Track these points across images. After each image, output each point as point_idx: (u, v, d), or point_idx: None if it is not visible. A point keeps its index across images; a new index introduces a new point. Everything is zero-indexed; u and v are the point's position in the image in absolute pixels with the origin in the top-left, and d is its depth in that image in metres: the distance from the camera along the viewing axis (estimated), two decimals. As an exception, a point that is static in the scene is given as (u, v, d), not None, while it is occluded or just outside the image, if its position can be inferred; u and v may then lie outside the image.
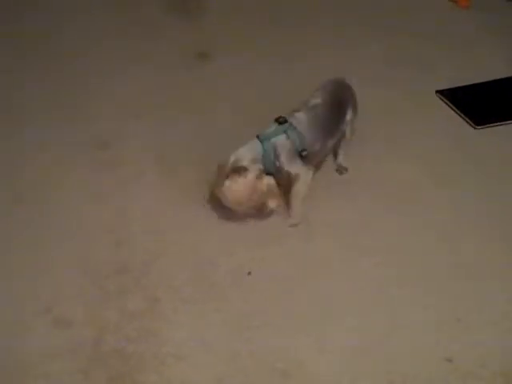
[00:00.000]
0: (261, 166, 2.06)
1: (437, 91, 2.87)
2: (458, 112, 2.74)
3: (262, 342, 1.82)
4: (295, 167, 2.11)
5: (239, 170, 2.02)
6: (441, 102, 2.82)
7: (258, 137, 2.10)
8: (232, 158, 2.05)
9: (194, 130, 2.63)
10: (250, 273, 2.02)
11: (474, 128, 2.66)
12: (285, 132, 2.10)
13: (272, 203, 2.12)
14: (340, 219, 2.21)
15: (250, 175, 2.03)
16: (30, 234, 2.15)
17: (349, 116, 2.29)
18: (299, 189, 2.14)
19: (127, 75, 2.97)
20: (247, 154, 2.06)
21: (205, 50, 3.16)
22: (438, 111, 2.77)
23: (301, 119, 2.15)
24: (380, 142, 2.54)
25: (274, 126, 2.12)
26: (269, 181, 2.08)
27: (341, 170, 2.40)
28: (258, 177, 2.04)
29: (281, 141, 2.09)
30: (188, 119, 2.69)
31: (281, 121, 2.12)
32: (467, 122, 2.69)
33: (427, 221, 2.22)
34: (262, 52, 3.14)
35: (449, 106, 2.79)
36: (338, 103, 2.27)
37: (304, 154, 2.10)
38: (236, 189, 2.03)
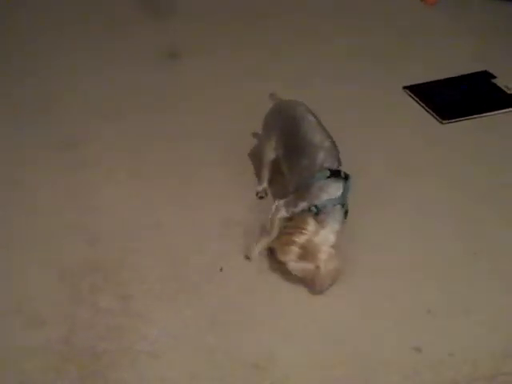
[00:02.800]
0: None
1: (404, 87, 2.91)
2: (425, 107, 2.79)
3: (234, 337, 1.84)
4: None
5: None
6: (408, 97, 2.86)
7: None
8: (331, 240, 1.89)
9: (166, 129, 2.64)
10: (221, 269, 2.03)
11: (441, 123, 2.70)
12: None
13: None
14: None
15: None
16: (3, 233, 2.14)
17: None
18: None
19: (100, 76, 2.96)
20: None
21: (177, 50, 3.17)
22: (405, 107, 2.82)
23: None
24: (348, 137, 2.55)
25: (341, 184, 1.96)
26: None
27: None
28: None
29: None
30: (160, 119, 2.70)
31: (345, 176, 1.99)
32: (434, 117, 2.73)
33: (399, 212, 2.25)
34: (234, 51, 3.17)
35: (416, 101, 2.83)
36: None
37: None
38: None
